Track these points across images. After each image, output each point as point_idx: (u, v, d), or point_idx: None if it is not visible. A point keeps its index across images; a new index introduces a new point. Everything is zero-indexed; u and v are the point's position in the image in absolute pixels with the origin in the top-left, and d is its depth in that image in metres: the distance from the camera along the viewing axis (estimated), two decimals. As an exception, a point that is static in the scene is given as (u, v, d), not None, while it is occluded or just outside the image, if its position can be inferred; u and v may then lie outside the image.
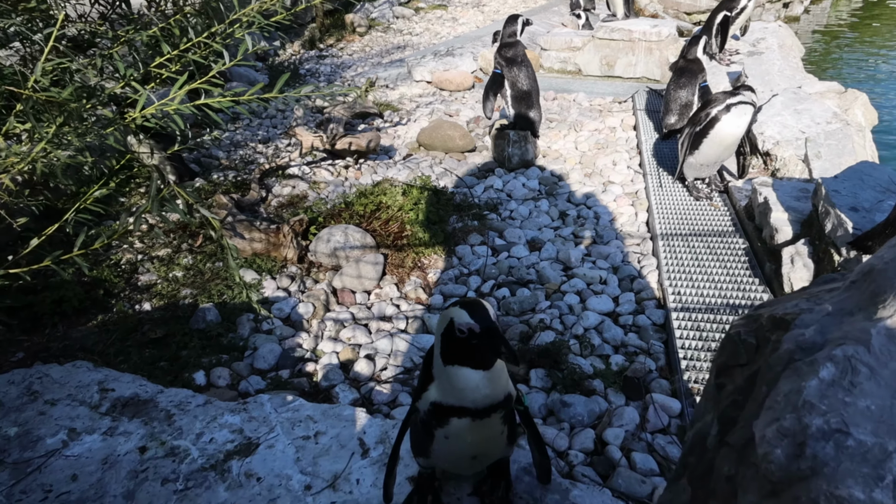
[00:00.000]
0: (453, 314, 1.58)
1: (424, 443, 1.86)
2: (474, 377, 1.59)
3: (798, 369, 0.76)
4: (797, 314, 0.87)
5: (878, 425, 0.63)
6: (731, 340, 1.02)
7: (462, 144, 5.63)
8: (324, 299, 3.63)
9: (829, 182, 3.26)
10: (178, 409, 2.72)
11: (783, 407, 0.72)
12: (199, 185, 4.77)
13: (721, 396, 0.97)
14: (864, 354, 0.69)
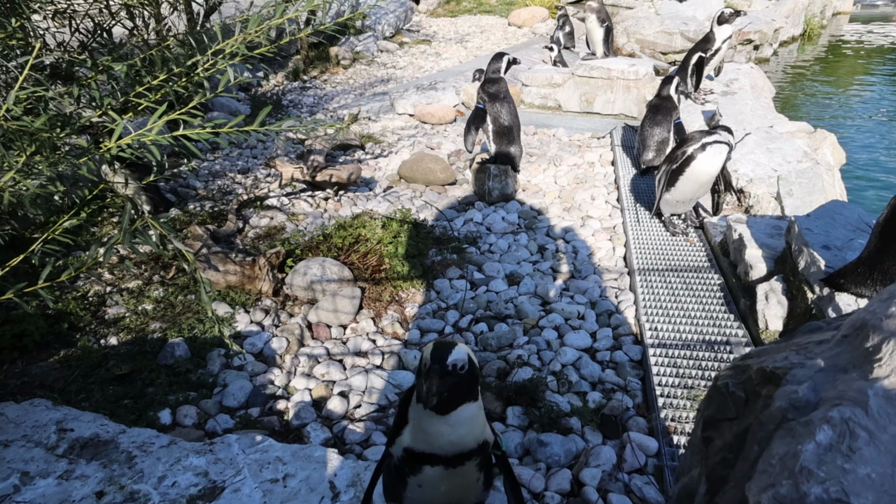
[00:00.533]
0: (425, 351, 1.55)
1: (398, 489, 1.80)
2: (435, 422, 1.55)
3: (793, 430, 0.73)
4: (788, 368, 0.85)
5: (880, 496, 0.61)
6: (718, 392, 0.99)
7: (443, 177, 5.65)
8: (298, 334, 3.55)
9: (802, 220, 3.32)
10: (139, 451, 2.60)
11: (779, 472, 0.69)
12: (174, 215, 4.70)
13: (709, 451, 0.94)
14: (861, 417, 0.67)
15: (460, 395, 1.54)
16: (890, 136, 8.52)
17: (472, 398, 1.59)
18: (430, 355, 1.52)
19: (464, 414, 1.57)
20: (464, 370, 1.51)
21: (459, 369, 1.51)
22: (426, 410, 1.55)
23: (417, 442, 1.62)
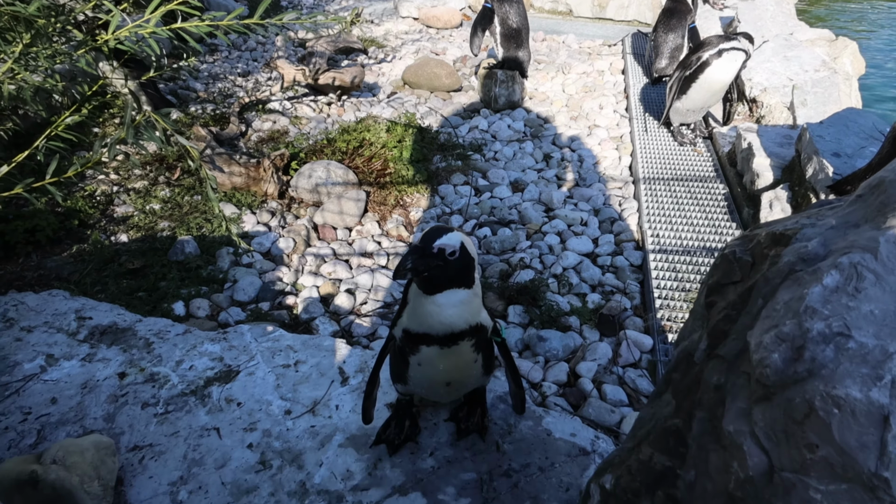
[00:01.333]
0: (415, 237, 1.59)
1: (401, 369, 1.90)
2: (424, 302, 1.61)
3: (799, 279, 0.74)
4: (798, 229, 0.86)
5: (881, 328, 0.64)
6: (725, 259, 1.00)
7: (448, 83, 5.50)
8: (304, 234, 3.61)
9: (814, 128, 3.27)
10: (157, 338, 2.73)
11: (783, 314, 0.72)
12: (175, 117, 4.62)
13: (711, 314, 0.97)
14: (870, 261, 0.68)
15: (446, 278, 1.57)
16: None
17: (464, 285, 1.62)
18: (422, 235, 1.56)
19: (453, 298, 1.61)
20: (454, 256, 1.54)
21: (449, 255, 1.53)
22: (419, 291, 1.61)
23: (412, 322, 1.69)
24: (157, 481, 2.07)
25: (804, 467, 0.65)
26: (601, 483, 0.98)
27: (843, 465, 0.61)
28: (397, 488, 1.99)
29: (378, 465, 2.09)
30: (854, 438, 0.60)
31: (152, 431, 2.27)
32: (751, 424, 0.71)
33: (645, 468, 0.90)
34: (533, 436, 2.14)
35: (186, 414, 2.34)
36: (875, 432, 0.59)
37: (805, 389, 0.64)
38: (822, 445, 0.63)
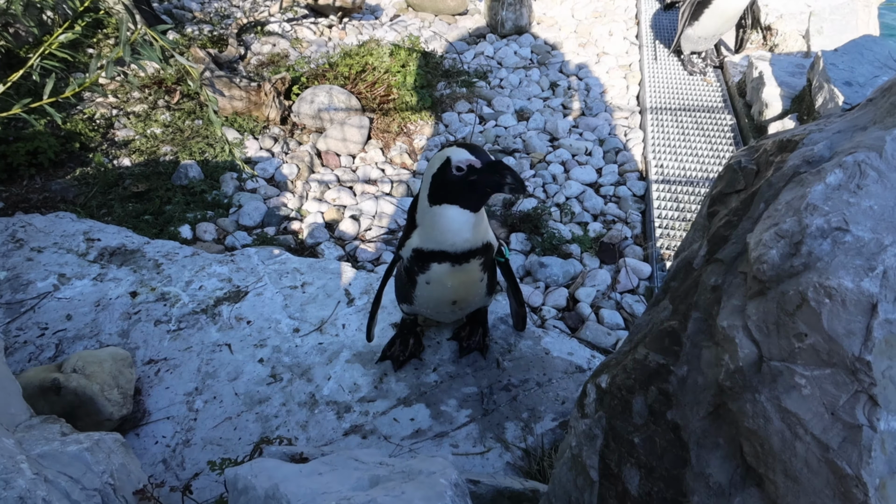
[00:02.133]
0: (450, 153, 1.57)
1: (407, 289, 1.95)
2: (459, 219, 1.62)
3: (803, 180, 0.74)
4: (805, 134, 0.86)
5: (878, 223, 0.65)
6: (730, 169, 1.00)
7: (453, 6, 5.29)
8: (308, 161, 3.59)
9: (828, 55, 3.18)
10: (166, 259, 2.78)
11: (783, 213, 0.72)
12: (172, 38, 4.48)
13: (713, 223, 0.98)
14: (875, 159, 0.69)
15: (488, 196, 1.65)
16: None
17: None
18: (474, 155, 1.55)
19: (479, 216, 1.66)
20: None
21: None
22: (439, 211, 1.63)
23: (427, 242, 1.72)
24: (174, 391, 2.18)
25: (792, 355, 0.69)
26: (597, 382, 1.04)
27: (828, 352, 0.66)
28: (402, 400, 2.09)
29: (384, 379, 2.18)
30: (842, 326, 0.64)
31: (166, 346, 2.37)
32: (744, 319, 0.75)
33: (640, 366, 0.95)
34: (532, 354, 2.23)
35: (198, 331, 2.42)
36: (863, 320, 0.63)
37: (799, 282, 0.67)
38: (811, 334, 0.67)
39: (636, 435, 0.94)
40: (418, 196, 1.74)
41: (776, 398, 0.71)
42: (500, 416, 2.00)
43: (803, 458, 0.68)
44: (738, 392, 0.76)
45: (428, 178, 1.63)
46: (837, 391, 0.65)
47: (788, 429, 0.69)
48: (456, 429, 1.97)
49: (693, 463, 0.85)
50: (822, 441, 0.66)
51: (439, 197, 1.61)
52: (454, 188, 1.58)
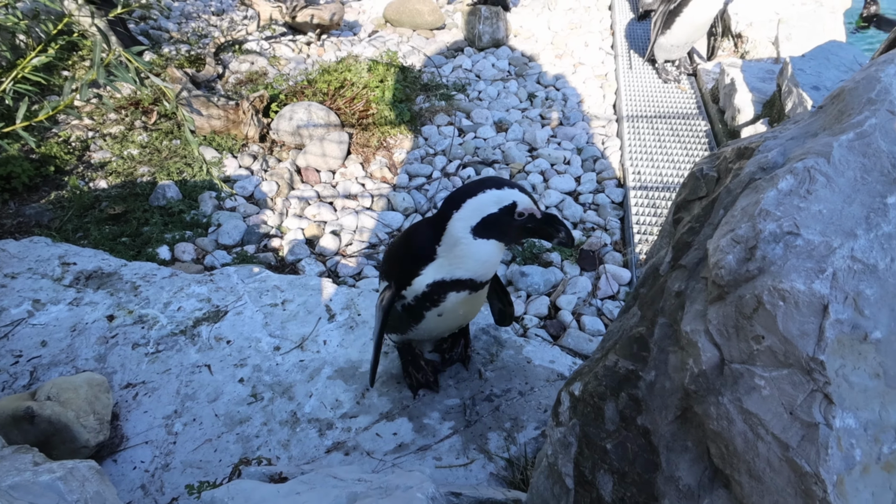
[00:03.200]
0: (515, 197, 1.53)
1: (406, 324, 1.88)
2: (497, 253, 1.63)
3: (758, 186, 0.77)
4: (761, 141, 0.89)
5: (827, 226, 0.67)
6: (692, 177, 1.03)
7: (431, 21, 5.34)
8: (288, 178, 3.59)
9: (796, 61, 3.26)
10: (143, 281, 2.75)
11: (739, 219, 0.75)
12: (149, 58, 4.47)
13: (678, 229, 1.00)
14: (823, 165, 0.71)
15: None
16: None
17: None
18: (533, 201, 1.56)
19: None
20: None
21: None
22: (471, 240, 1.58)
23: (455, 272, 1.65)
24: (152, 415, 2.14)
25: (751, 357, 0.70)
26: (571, 390, 1.04)
27: (784, 353, 0.67)
28: (384, 415, 2.08)
29: (366, 394, 2.17)
30: (796, 327, 0.65)
31: (144, 370, 2.33)
32: (706, 323, 0.76)
33: (610, 373, 0.95)
34: (514, 363, 2.23)
35: (177, 352, 2.39)
36: (815, 321, 0.64)
37: (755, 286, 0.69)
38: (768, 336, 0.68)
39: (609, 441, 0.94)
40: (436, 228, 1.63)
41: (738, 400, 0.71)
42: (482, 427, 1.99)
43: (765, 457, 0.68)
44: (703, 395, 0.77)
45: (479, 215, 1.55)
46: (795, 391, 0.66)
47: (750, 429, 0.70)
48: (439, 441, 1.96)
49: (664, 467, 0.85)
50: (782, 440, 0.66)
51: (487, 233, 1.56)
52: (508, 230, 1.56)
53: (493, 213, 1.54)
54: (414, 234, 1.76)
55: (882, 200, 0.66)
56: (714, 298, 0.76)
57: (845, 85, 0.79)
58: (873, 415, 0.64)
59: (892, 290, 0.64)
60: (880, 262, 0.64)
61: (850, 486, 0.62)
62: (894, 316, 0.64)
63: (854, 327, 0.63)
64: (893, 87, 0.70)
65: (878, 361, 0.64)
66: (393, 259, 1.86)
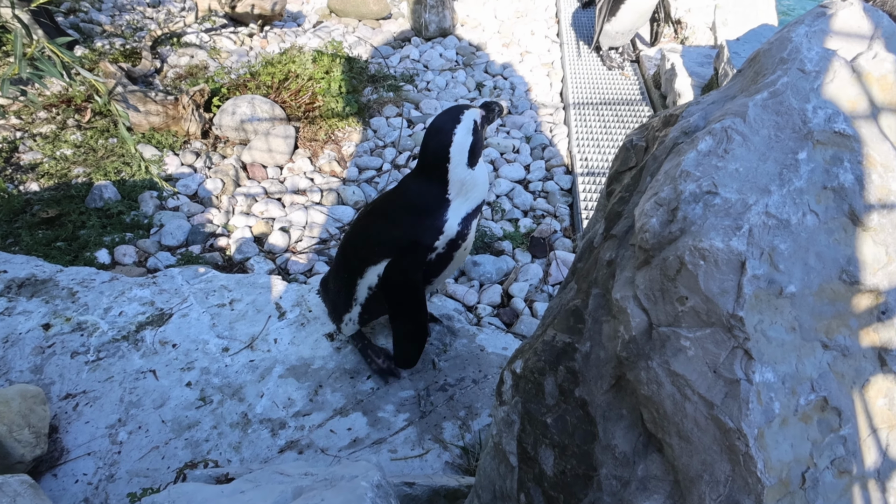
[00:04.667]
0: (473, 117, 1.68)
1: (434, 274, 1.86)
2: (479, 170, 1.76)
3: (680, 149, 0.79)
4: (685, 107, 0.90)
5: (744, 184, 0.68)
6: (623, 148, 1.04)
7: (376, 10, 5.28)
8: (233, 174, 3.48)
9: (732, 44, 3.36)
10: (81, 287, 2.62)
11: (662, 182, 0.76)
12: (80, 53, 4.26)
13: (610, 200, 1.00)
14: (739, 125, 0.72)
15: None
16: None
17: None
18: (470, 107, 1.74)
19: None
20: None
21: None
22: (464, 172, 1.69)
23: (470, 203, 1.76)
24: (94, 425, 2.05)
25: (676, 319, 0.71)
26: (513, 368, 1.04)
27: (707, 312, 0.67)
28: (338, 410, 2.04)
29: (319, 391, 2.13)
30: (716, 285, 0.66)
31: (85, 379, 2.22)
32: (634, 289, 0.77)
33: (549, 348, 0.95)
34: (467, 352, 2.22)
35: (120, 359, 2.29)
36: (734, 277, 0.65)
37: (677, 247, 0.69)
38: (691, 296, 0.69)
39: (549, 415, 0.94)
40: (437, 181, 1.71)
41: (666, 363, 0.72)
42: (437, 417, 1.98)
43: (693, 417, 0.69)
44: (634, 361, 0.77)
45: (465, 152, 1.67)
46: (717, 349, 0.67)
47: (678, 391, 0.71)
48: (394, 434, 1.93)
49: (601, 436, 0.85)
50: (707, 399, 0.67)
51: (475, 157, 1.71)
52: (482, 141, 1.72)
53: (472, 141, 1.68)
54: (416, 196, 1.77)
55: (794, 156, 0.67)
56: (641, 263, 0.76)
57: (761, 48, 0.80)
58: (790, 368, 0.65)
59: (805, 245, 0.65)
60: (793, 217, 0.65)
61: (770, 438, 0.63)
62: (807, 270, 0.66)
63: (770, 282, 0.65)
64: (803, 46, 0.72)
65: (794, 315, 0.65)
66: (404, 228, 1.78)
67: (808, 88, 0.69)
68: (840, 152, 0.66)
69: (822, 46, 0.71)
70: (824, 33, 0.72)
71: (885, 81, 0.69)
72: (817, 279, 0.66)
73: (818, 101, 0.68)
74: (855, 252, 0.65)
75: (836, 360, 0.67)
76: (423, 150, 1.72)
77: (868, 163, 0.65)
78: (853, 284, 0.66)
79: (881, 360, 0.68)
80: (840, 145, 0.66)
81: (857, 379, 0.68)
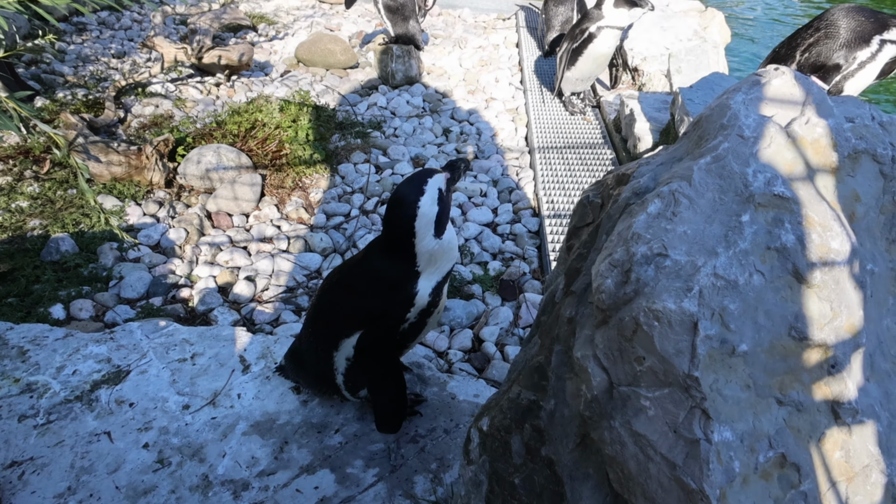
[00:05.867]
0: (437, 185, 1.61)
1: (406, 342, 1.86)
2: (449, 237, 1.71)
3: (632, 210, 0.81)
4: (636, 167, 0.93)
5: (692, 246, 0.70)
6: (580, 204, 1.07)
7: (344, 60, 5.37)
8: (197, 223, 3.43)
9: (686, 92, 3.51)
10: (32, 345, 2.51)
11: (616, 243, 0.77)
12: (40, 104, 4.21)
13: (569, 256, 1.02)
14: (686, 188, 0.75)
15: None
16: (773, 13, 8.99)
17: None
18: (433, 171, 1.67)
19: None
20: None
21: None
22: (434, 242, 1.64)
23: (439, 271, 1.72)
24: (41, 495, 1.92)
25: (636, 379, 0.71)
26: (479, 426, 1.02)
27: (664, 372, 0.68)
28: (305, 468, 1.97)
29: (284, 447, 2.05)
30: (671, 346, 0.67)
31: (32, 444, 2.10)
32: (593, 348, 0.77)
33: (514, 405, 0.94)
34: (438, 401, 2.19)
35: (72, 421, 2.18)
36: (687, 338, 0.66)
37: (632, 308, 0.70)
38: (648, 357, 0.69)
39: (517, 476, 0.93)
40: (402, 254, 1.66)
41: (628, 423, 0.72)
42: (408, 471, 1.92)
43: (657, 478, 0.69)
44: (597, 420, 0.77)
45: (431, 223, 1.61)
46: (676, 409, 0.67)
47: (641, 451, 0.70)
48: (363, 491, 1.87)
49: (569, 497, 0.84)
50: (670, 459, 0.67)
51: (442, 225, 1.65)
52: (448, 209, 1.66)
53: (438, 211, 1.63)
54: (384, 270, 1.73)
55: (738, 219, 0.70)
56: (599, 322, 0.76)
57: (703, 112, 0.84)
58: (748, 425, 0.65)
59: (753, 304, 0.67)
60: (740, 278, 0.67)
61: (732, 498, 0.63)
62: (757, 328, 0.67)
63: (722, 342, 0.65)
64: (741, 113, 0.75)
65: (748, 373, 0.66)
66: (374, 300, 1.76)
67: (748, 153, 0.72)
68: (781, 214, 0.69)
69: (759, 113, 0.75)
70: (760, 100, 0.76)
71: (819, 145, 0.72)
72: (768, 336, 0.67)
73: (757, 165, 0.71)
74: (802, 309, 0.67)
75: (791, 416, 0.68)
76: (387, 223, 1.67)
77: (807, 223, 0.68)
78: (802, 340, 0.67)
79: (834, 413, 0.70)
80: (780, 207, 0.69)
81: (813, 433, 0.69)
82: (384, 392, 1.88)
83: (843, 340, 0.70)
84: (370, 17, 6.66)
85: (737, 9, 9.04)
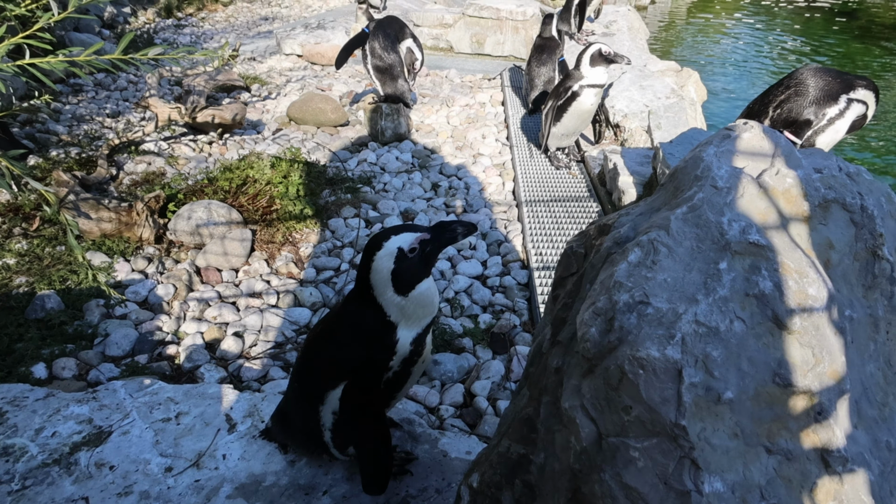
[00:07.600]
0: (397, 242, 1.56)
1: (392, 393, 1.81)
2: (431, 284, 1.65)
3: (613, 259, 0.83)
4: (617, 218, 0.96)
5: (672, 293, 0.71)
6: (565, 255, 1.09)
7: (334, 118, 5.52)
8: (186, 279, 3.41)
9: (666, 147, 3.63)
10: (11, 406, 2.44)
11: (599, 292, 0.79)
12: (33, 162, 4.25)
13: (555, 306, 1.03)
14: (664, 237, 0.77)
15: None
16: (745, 73, 9.42)
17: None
18: (416, 232, 1.61)
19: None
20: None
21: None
22: (422, 284, 1.61)
23: (419, 323, 1.66)
24: (12, 567, 1.83)
25: (624, 429, 0.71)
26: (469, 483, 1.00)
27: (651, 421, 0.67)
28: (291, 532, 1.89)
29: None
30: (657, 394, 0.67)
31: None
32: (581, 398, 0.77)
33: (504, 460, 0.93)
34: (430, 459, 2.13)
35: (49, 486, 2.10)
36: (673, 386, 0.66)
37: (617, 356, 0.70)
38: (635, 406, 0.69)
39: (508, 535, 0.90)
40: (372, 310, 1.64)
41: (618, 475, 0.71)
42: (398, 533, 1.85)
43: (649, 534, 0.67)
44: (587, 473, 0.75)
45: (387, 282, 1.59)
46: (665, 459, 0.66)
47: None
48: (351, 556, 1.79)
49: (562, 557, 0.81)
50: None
51: (408, 283, 1.58)
52: (417, 267, 1.58)
53: (394, 269, 1.57)
54: (360, 318, 1.72)
55: (716, 266, 0.71)
56: (586, 372, 0.77)
57: (678, 165, 0.87)
58: (738, 476, 0.65)
59: (736, 350, 0.68)
60: (721, 325, 0.68)
61: (726, 554, 0.62)
62: (742, 375, 0.67)
63: (707, 389, 0.66)
64: (714, 165, 0.79)
65: (735, 421, 0.66)
66: (356, 348, 1.74)
67: (722, 203, 0.75)
68: (757, 261, 0.71)
69: (731, 165, 0.78)
70: (731, 153, 0.79)
71: (790, 195, 0.75)
72: (752, 383, 0.67)
73: (732, 214, 0.74)
74: (784, 355, 0.68)
75: (781, 465, 0.67)
76: (356, 274, 1.70)
77: (784, 270, 0.69)
78: (787, 387, 0.68)
79: (824, 461, 0.69)
80: (756, 255, 0.71)
81: (804, 483, 0.68)
82: (369, 447, 1.83)
83: (827, 387, 0.70)
84: (360, 78, 6.89)
85: (710, 68, 9.48)
